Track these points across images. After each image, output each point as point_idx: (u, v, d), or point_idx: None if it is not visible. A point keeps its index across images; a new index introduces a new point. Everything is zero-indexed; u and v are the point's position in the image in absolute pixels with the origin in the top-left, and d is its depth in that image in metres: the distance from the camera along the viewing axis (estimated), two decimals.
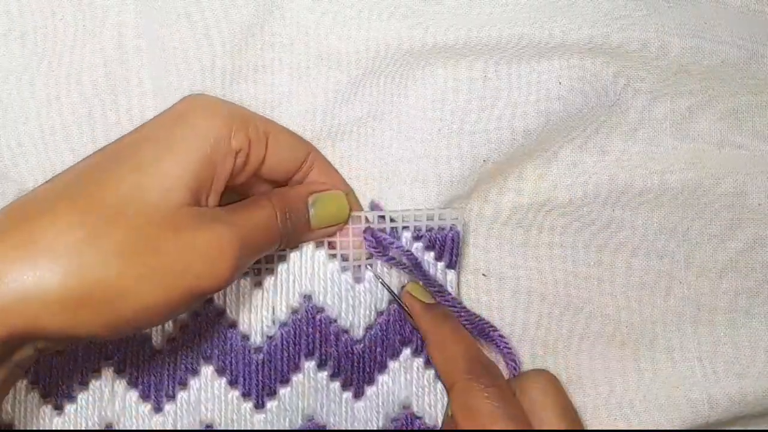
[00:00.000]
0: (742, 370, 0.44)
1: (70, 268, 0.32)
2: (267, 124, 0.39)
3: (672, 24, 0.42)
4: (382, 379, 0.42)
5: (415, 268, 0.41)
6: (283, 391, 0.41)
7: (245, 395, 0.41)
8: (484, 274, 0.44)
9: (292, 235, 0.39)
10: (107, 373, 0.41)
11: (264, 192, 0.40)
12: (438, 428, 0.42)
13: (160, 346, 0.41)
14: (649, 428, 0.44)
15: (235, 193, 0.40)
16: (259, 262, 0.41)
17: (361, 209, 0.42)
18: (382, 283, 0.42)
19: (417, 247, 0.42)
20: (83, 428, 0.41)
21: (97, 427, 0.41)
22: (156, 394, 0.41)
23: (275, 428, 0.41)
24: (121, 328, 0.34)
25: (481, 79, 0.42)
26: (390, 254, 0.41)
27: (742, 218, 0.44)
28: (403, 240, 0.41)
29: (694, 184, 0.44)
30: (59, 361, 0.41)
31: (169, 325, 0.41)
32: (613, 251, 0.44)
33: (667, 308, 0.45)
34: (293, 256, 0.41)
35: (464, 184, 0.42)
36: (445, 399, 0.42)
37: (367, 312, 0.41)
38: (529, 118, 0.42)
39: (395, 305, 0.42)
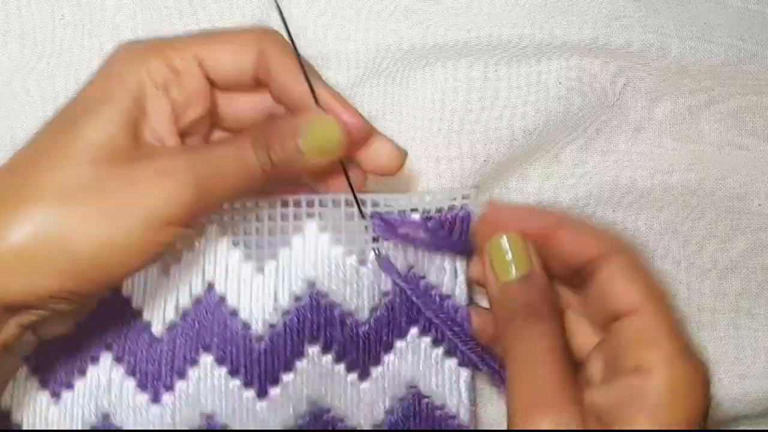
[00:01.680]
0: (744, 371, 0.44)
1: (4, 222, 0.32)
2: (198, 45, 0.37)
3: (672, 25, 0.43)
4: (388, 358, 0.40)
5: (432, 240, 0.39)
6: (287, 378, 0.39)
7: (247, 384, 0.39)
8: None
9: (280, 167, 0.36)
10: (105, 361, 0.40)
11: (245, 130, 0.38)
12: (445, 408, 0.41)
13: (160, 333, 0.40)
14: None
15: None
16: (261, 247, 0.40)
17: (353, 111, 0.37)
18: (387, 263, 0.40)
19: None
20: (89, 430, 0.40)
21: (93, 417, 0.39)
22: (154, 384, 0.40)
23: (279, 415, 0.39)
24: (90, 275, 0.33)
25: (481, 79, 0.42)
26: (401, 231, 0.39)
27: (743, 219, 0.45)
28: None
29: (696, 185, 0.44)
30: (58, 348, 0.40)
31: (169, 312, 0.40)
32: None
33: None
34: (296, 240, 0.40)
35: (464, 184, 0.42)
36: (454, 378, 0.41)
37: (372, 294, 0.40)
38: (528, 118, 0.42)
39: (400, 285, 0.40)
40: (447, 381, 0.41)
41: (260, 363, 0.39)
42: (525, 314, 0.36)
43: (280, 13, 0.37)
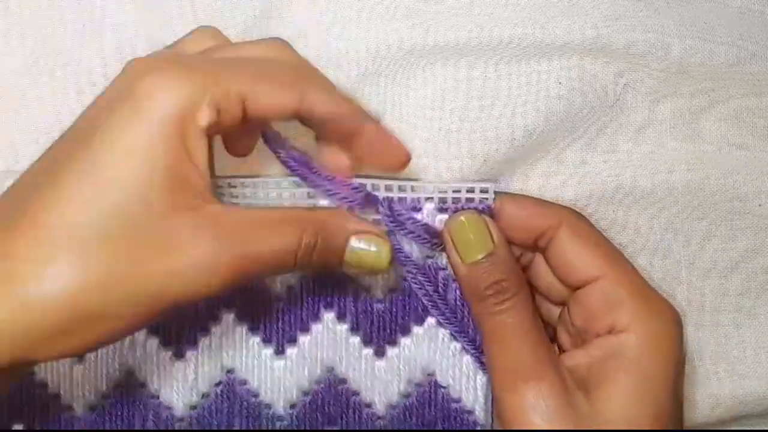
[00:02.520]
0: (745, 371, 0.44)
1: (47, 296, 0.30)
2: (242, 82, 0.33)
3: (672, 25, 0.43)
4: (405, 342, 0.41)
5: (432, 241, 0.39)
6: (303, 339, 0.41)
7: (265, 341, 0.41)
8: None
9: (314, 265, 0.35)
10: None
11: (298, 210, 0.36)
12: (461, 401, 0.41)
13: None
14: None
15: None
16: None
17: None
18: (398, 249, 0.40)
19: (440, 219, 0.40)
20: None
21: (117, 374, 0.41)
22: (177, 340, 0.41)
23: (295, 376, 0.41)
24: (92, 349, 0.33)
25: (481, 78, 0.42)
26: (408, 227, 0.39)
27: (744, 220, 0.45)
28: (425, 212, 0.40)
29: (697, 185, 0.44)
30: None
31: None
32: None
33: None
34: None
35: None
36: (471, 374, 0.41)
37: (388, 274, 0.41)
38: (528, 117, 0.42)
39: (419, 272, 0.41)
40: (464, 376, 0.41)
41: (278, 320, 0.41)
42: (494, 291, 0.38)
43: None
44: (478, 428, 0.41)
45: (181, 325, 0.41)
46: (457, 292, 0.40)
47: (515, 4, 0.43)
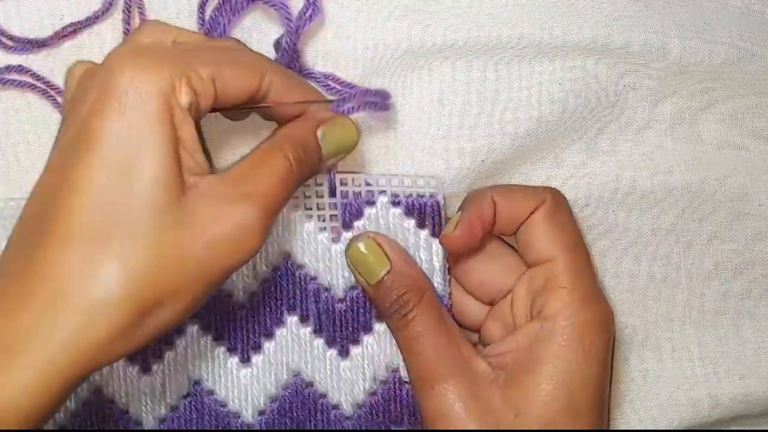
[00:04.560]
0: (745, 371, 0.44)
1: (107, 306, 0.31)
2: (211, 65, 0.34)
3: (672, 25, 0.43)
4: (367, 339, 0.42)
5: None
6: (268, 345, 0.42)
7: (231, 350, 0.42)
8: None
9: (307, 175, 0.37)
10: None
11: (270, 140, 0.37)
12: None
13: None
14: (649, 428, 0.44)
15: None
16: None
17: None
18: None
19: (394, 213, 0.41)
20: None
21: (85, 392, 0.41)
22: (142, 355, 0.41)
23: (262, 383, 0.41)
24: (150, 341, 0.33)
25: (480, 79, 0.42)
26: (357, 224, 0.41)
27: (744, 220, 0.45)
28: (378, 205, 0.41)
29: (697, 186, 0.44)
30: None
31: None
32: (617, 254, 0.44)
33: (669, 311, 0.45)
34: None
35: (462, 184, 0.42)
36: None
37: (347, 273, 0.41)
38: (528, 119, 0.42)
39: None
40: None
41: (242, 328, 0.42)
42: (399, 305, 0.39)
43: None
44: None
45: None
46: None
47: (514, 4, 0.43)
